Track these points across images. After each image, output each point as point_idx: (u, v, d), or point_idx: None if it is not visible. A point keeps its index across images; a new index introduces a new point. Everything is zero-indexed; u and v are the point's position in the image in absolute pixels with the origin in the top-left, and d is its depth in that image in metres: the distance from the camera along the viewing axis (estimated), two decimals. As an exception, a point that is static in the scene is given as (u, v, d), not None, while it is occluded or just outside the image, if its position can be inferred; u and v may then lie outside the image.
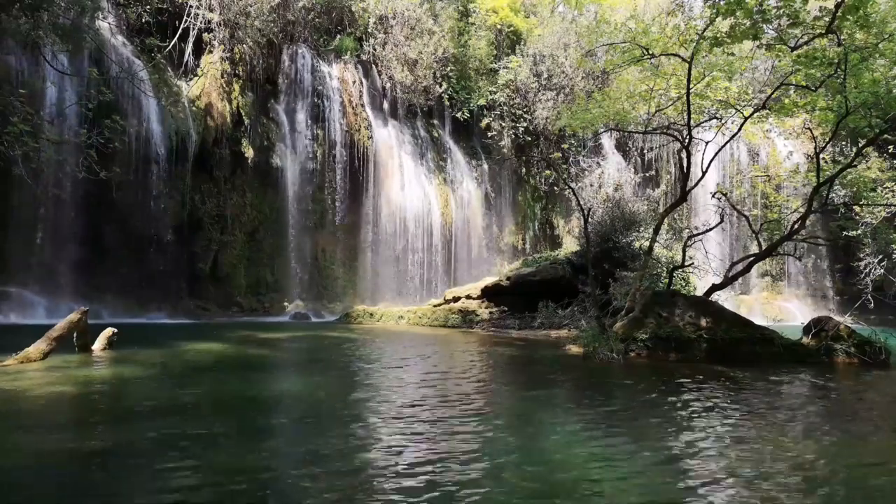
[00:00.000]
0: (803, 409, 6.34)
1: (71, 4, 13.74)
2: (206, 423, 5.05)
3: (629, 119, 14.89)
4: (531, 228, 26.84)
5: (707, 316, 10.27)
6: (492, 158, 26.08)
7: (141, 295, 17.11)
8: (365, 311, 18.31)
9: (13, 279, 15.41)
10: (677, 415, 5.76)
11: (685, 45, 11.85)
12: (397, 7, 23.53)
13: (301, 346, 11.71)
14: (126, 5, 18.55)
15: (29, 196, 15.28)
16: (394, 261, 22.55)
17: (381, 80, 23.75)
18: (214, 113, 19.42)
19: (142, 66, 17.59)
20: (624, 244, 16.84)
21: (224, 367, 8.51)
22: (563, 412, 5.87)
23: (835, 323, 10.29)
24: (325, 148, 21.62)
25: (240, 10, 19.84)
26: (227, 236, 19.62)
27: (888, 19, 10.85)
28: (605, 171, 23.09)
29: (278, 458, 4.13)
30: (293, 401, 6.31)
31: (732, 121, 13.74)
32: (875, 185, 17.27)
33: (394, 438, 4.58)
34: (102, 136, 13.32)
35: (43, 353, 7.80)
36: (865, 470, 4.18)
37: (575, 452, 4.32)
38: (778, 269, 26.86)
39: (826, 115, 12.32)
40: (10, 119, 12.23)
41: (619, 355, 9.48)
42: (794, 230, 12.49)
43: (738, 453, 4.38)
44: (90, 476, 3.72)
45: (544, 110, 24.97)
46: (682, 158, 13.11)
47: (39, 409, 5.42)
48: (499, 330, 15.55)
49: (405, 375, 7.89)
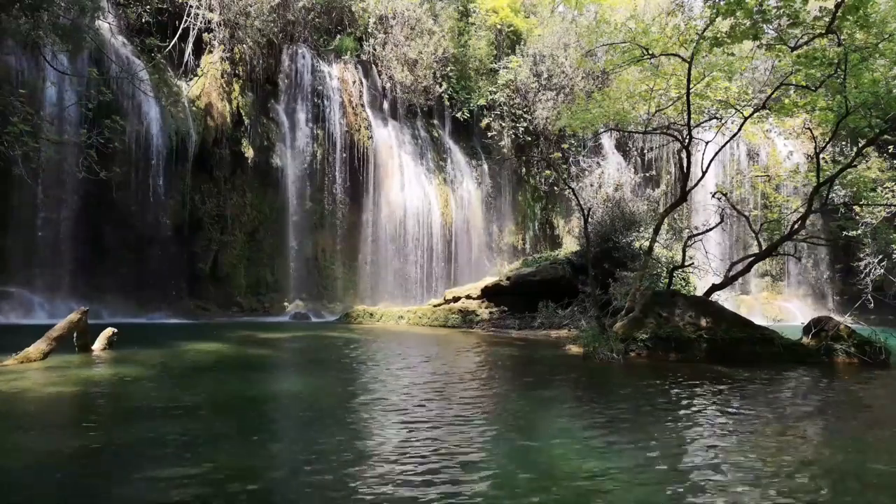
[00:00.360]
0: (803, 409, 6.34)
1: (71, 4, 13.75)
2: (206, 424, 5.05)
3: (629, 119, 14.89)
4: (531, 228, 26.84)
5: (707, 316, 10.28)
6: (492, 158, 26.08)
7: (141, 295, 17.11)
8: (365, 311, 18.31)
9: (13, 279, 15.42)
10: (678, 415, 5.76)
11: (685, 45, 11.85)
12: (397, 7, 23.53)
13: (301, 346, 11.71)
14: (126, 5, 18.55)
15: (29, 196, 15.29)
16: (394, 261, 22.55)
17: (381, 80, 23.76)
18: (214, 113, 19.42)
19: (142, 66, 17.60)
20: (624, 244, 16.85)
21: (224, 367, 8.51)
22: (563, 412, 5.87)
23: (835, 323, 10.29)
24: (325, 148, 21.62)
25: (240, 10, 19.84)
26: (227, 236, 19.62)
27: (888, 19, 10.84)
28: (605, 171, 23.10)
29: (279, 458, 4.13)
30: (293, 401, 6.31)
31: (732, 121, 13.74)
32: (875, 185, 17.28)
33: (394, 439, 4.58)
34: (102, 136, 13.32)
35: (43, 353, 7.80)
36: (866, 470, 4.18)
37: (576, 453, 4.32)
38: (778, 269, 26.86)
39: (826, 115, 12.32)
40: (10, 119, 12.24)
41: (619, 355, 9.48)
42: (794, 230, 12.50)
43: (738, 453, 4.39)
44: (90, 476, 3.72)
45: (544, 110, 24.98)
46: (682, 158, 13.11)
47: (39, 409, 5.42)
48: (499, 330, 15.54)
49: (405, 376, 7.89)
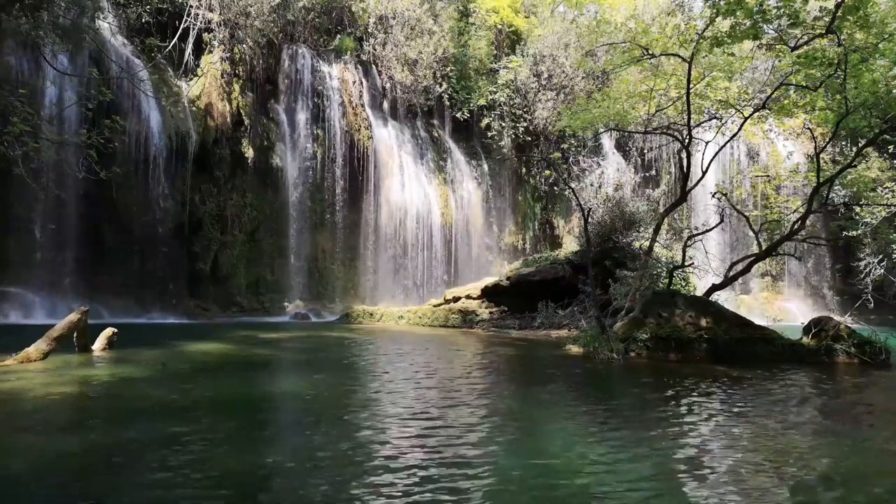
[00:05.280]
0: (804, 409, 6.34)
1: (71, 4, 13.76)
2: (206, 424, 5.05)
3: (629, 119, 14.90)
4: (531, 228, 26.85)
5: (707, 316, 10.27)
6: (492, 158, 26.08)
7: (141, 295, 17.12)
8: (365, 311, 18.31)
9: (13, 279, 15.42)
10: (678, 415, 5.76)
11: (685, 45, 11.86)
12: (397, 7, 23.54)
13: (301, 346, 11.70)
14: (126, 5, 18.56)
15: (29, 196, 15.29)
16: (394, 261, 22.56)
17: (381, 80, 23.76)
18: (214, 113, 19.43)
19: (142, 66, 17.61)
20: (624, 244, 16.85)
21: (224, 367, 8.50)
22: (563, 413, 5.87)
23: (835, 323, 10.28)
24: (325, 148, 21.63)
25: (240, 10, 19.85)
26: (227, 236, 19.63)
27: (888, 19, 10.85)
28: (605, 171, 23.07)
29: (280, 458, 4.12)
30: (294, 401, 6.30)
31: (732, 121, 13.76)
32: (875, 185, 17.31)
33: (395, 439, 4.58)
34: (102, 136, 13.32)
35: (43, 353, 7.80)
36: (866, 470, 4.18)
37: (577, 454, 4.32)
38: (778, 269, 26.85)
39: (826, 115, 12.34)
40: (10, 119, 12.24)
41: (620, 355, 9.48)
42: (794, 230, 12.50)
43: (739, 453, 4.38)
44: (90, 476, 3.72)
45: (544, 110, 24.98)
46: (682, 158, 13.12)
47: (39, 410, 5.42)
48: (499, 330, 15.54)
49: (406, 376, 7.89)
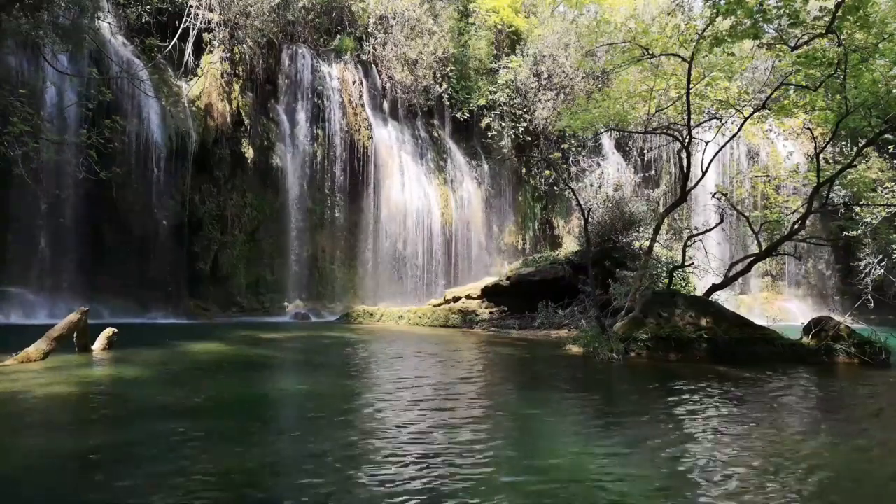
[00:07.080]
0: (804, 408, 6.34)
1: (71, 4, 13.76)
2: (206, 424, 5.04)
3: (629, 119, 14.90)
4: (531, 228, 26.85)
5: (707, 316, 10.27)
6: (492, 158, 26.08)
7: (141, 295, 17.11)
8: (365, 311, 18.31)
9: (14, 279, 15.41)
10: (678, 415, 5.76)
11: (685, 45, 11.86)
12: (397, 7, 23.53)
13: (301, 346, 11.70)
14: (126, 5, 18.55)
15: (29, 196, 15.28)
16: (394, 261, 22.55)
17: (381, 80, 23.76)
18: (214, 113, 19.43)
19: (142, 66, 17.60)
20: (624, 244, 16.85)
21: (224, 367, 8.50)
22: (564, 413, 5.87)
23: (835, 323, 10.28)
24: (325, 148, 21.63)
25: (240, 10, 19.85)
26: (227, 236, 19.62)
27: (888, 19, 10.85)
28: (605, 171, 23.07)
29: (280, 458, 4.12)
30: (294, 401, 6.30)
31: (732, 121, 13.76)
32: (875, 185, 17.30)
33: (394, 439, 4.58)
34: (102, 136, 13.32)
35: (43, 353, 7.80)
36: (867, 470, 4.18)
37: (577, 454, 4.32)
38: (778, 269, 26.84)
39: (826, 115, 12.34)
40: (10, 119, 12.24)
41: (620, 355, 9.48)
42: (795, 230, 12.50)
43: (740, 454, 4.38)
44: (90, 476, 3.71)
45: (544, 110, 24.98)
46: (682, 158, 13.12)
47: (39, 410, 5.42)
48: (499, 330, 15.54)
49: (406, 376, 7.89)
